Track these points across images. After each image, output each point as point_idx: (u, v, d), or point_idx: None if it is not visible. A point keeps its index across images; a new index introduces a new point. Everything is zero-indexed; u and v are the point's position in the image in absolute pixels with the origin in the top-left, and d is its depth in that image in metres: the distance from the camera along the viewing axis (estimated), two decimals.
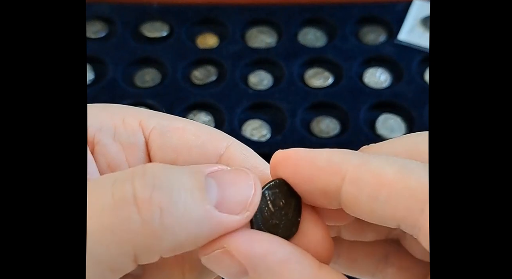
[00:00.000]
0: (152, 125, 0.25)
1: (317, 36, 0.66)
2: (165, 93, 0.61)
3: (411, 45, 0.64)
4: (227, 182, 0.22)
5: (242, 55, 0.64)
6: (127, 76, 0.63)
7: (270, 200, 0.23)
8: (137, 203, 0.20)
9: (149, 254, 0.20)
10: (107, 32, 0.66)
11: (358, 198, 0.22)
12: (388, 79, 0.62)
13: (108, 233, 0.20)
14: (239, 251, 0.21)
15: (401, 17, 0.66)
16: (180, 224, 0.20)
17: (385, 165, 0.21)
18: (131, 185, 0.20)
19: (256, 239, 0.22)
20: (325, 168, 0.22)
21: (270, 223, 0.23)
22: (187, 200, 0.20)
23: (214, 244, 0.21)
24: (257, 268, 0.21)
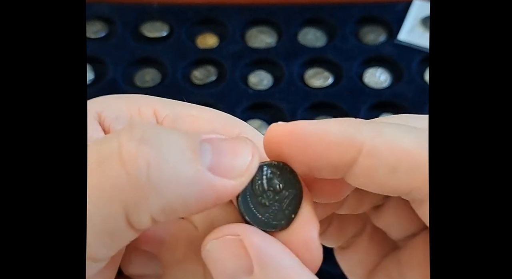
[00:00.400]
0: (165, 112, 0.25)
1: (317, 36, 0.66)
2: (165, 93, 0.60)
3: (411, 45, 0.64)
4: (223, 148, 0.21)
5: (242, 55, 0.64)
6: (127, 76, 0.63)
7: (266, 177, 0.22)
8: (122, 157, 0.19)
9: (138, 213, 0.19)
10: (107, 32, 0.66)
11: (375, 171, 0.21)
12: (388, 79, 0.62)
13: (95, 190, 0.19)
14: (253, 243, 0.20)
15: (401, 17, 0.66)
16: (168, 182, 0.19)
17: (402, 135, 0.21)
18: (117, 139, 0.19)
19: (269, 239, 0.21)
20: (339, 142, 0.21)
21: (258, 201, 0.22)
22: (177, 157, 0.19)
23: (226, 229, 0.21)
24: (266, 267, 0.20)
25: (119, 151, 0.19)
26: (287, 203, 0.22)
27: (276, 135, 0.22)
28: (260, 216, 0.22)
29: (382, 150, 0.20)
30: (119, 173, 0.19)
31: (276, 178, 0.22)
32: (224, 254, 0.21)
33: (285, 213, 0.22)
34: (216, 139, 0.21)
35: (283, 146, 0.22)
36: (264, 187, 0.22)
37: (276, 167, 0.22)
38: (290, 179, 0.22)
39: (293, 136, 0.21)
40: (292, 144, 0.21)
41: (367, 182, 0.21)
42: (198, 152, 0.20)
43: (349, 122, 0.22)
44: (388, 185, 0.21)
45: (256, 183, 0.22)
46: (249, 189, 0.22)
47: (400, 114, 0.24)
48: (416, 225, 0.26)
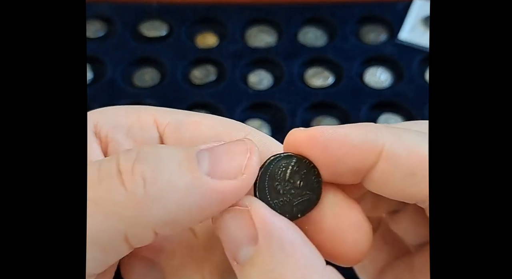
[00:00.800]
0: (167, 120, 0.25)
1: (317, 35, 0.66)
2: (165, 93, 0.61)
3: (411, 45, 0.63)
4: (220, 152, 0.21)
5: (242, 54, 0.63)
6: (126, 76, 0.62)
7: (292, 169, 0.22)
8: (120, 175, 0.20)
9: (139, 228, 0.20)
10: (106, 31, 0.66)
11: (393, 176, 0.21)
12: (389, 79, 0.62)
13: (93, 205, 0.19)
14: (261, 215, 0.21)
15: (402, 17, 0.66)
16: (166, 193, 0.20)
17: (421, 141, 0.21)
18: (116, 160, 0.20)
19: (277, 214, 0.21)
20: (360, 146, 0.21)
21: (274, 186, 0.22)
22: (173, 169, 0.20)
23: (237, 202, 0.21)
24: (270, 239, 0.20)
25: (117, 170, 0.20)
26: (299, 202, 0.22)
27: (297, 140, 0.22)
28: (269, 199, 0.22)
29: (400, 154, 0.21)
30: (118, 189, 0.19)
31: (301, 175, 0.22)
32: (232, 223, 0.21)
33: (292, 209, 0.22)
34: (214, 146, 0.21)
35: (304, 150, 0.22)
36: (286, 176, 0.22)
37: (304, 165, 0.22)
38: (313, 182, 0.22)
39: (314, 141, 0.22)
40: (313, 148, 0.22)
41: (384, 187, 0.22)
42: (194, 160, 0.20)
43: (368, 127, 0.22)
44: (405, 190, 0.21)
45: (280, 169, 0.22)
46: (271, 171, 0.22)
47: (418, 121, 0.24)
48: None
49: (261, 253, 0.20)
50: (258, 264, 0.20)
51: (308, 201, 0.22)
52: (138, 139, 0.25)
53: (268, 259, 0.20)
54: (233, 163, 0.21)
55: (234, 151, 0.21)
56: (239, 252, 0.21)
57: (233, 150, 0.21)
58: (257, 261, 0.20)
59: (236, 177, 0.21)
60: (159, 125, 0.25)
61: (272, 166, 0.22)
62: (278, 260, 0.20)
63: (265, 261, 0.20)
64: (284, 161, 0.22)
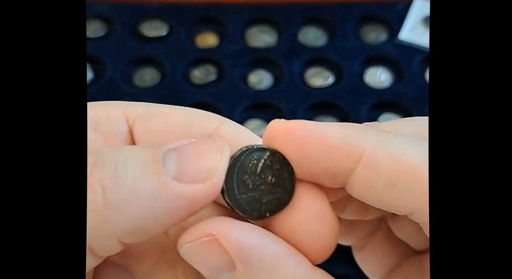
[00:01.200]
0: (137, 112, 0.24)
1: (318, 35, 0.66)
2: (165, 93, 0.60)
3: (412, 45, 0.63)
4: (188, 152, 0.19)
5: (242, 54, 0.63)
6: (126, 76, 0.62)
7: (264, 163, 0.21)
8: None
9: (102, 239, 0.18)
10: (106, 31, 0.66)
11: (373, 184, 0.19)
12: (389, 79, 0.62)
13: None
14: (230, 239, 0.19)
15: (402, 17, 0.65)
16: (129, 201, 0.18)
17: (407, 148, 0.19)
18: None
19: (248, 229, 0.20)
20: (338, 147, 0.20)
21: (243, 179, 0.20)
22: (136, 174, 0.18)
23: (199, 231, 0.19)
24: (248, 260, 0.19)
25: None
26: (269, 200, 0.21)
27: (274, 132, 0.21)
28: (237, 193, 0.20)
29: (382, 161, 0.19)
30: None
31: (273, 170, 0.21)
32: (202, 256, 0.20)
33: (261, 207, 0.21)
34: (181, 145, 0.20)
35: (280, 143, 0.21)
36: (257, 169, 0.21)
37: (278, 160, 0.21)
38: (286, 180, 0.21)
39: (291, 135, 0.20)
40: (288, 143, 0.20)
41: (364, 195, 0.20)
42: (160, 163, 0.19)
43: (352, 128, 0.20)
44: (385, 200, 0.20)
45: (251, 161, 0.21)
46: (241, 163, 0.21)
47: (415, 117, 0.23)
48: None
49: (242, 277, 0.19)
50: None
51: (279, 200, 0.21)
52: (106, 134, 0.23)
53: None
54: (202, 164, 0.19)
55: (204, 151, 0.20)
56: (217, 278, 0.20)
57: (202, 149, 0.20)
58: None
59: (205, 180, 0.19)
60: (129, 118, 0.24)
61: (243, 158, 0.21)
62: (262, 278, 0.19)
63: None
64: (257, 153, 0.21)
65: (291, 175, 0.21)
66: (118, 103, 0.25)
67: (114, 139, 0.24)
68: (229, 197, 0.21)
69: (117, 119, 0.24)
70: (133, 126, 0.24)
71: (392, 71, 0.62)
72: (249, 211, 0.21)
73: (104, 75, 0.62)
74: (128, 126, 0.24)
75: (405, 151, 0.19)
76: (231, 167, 0.20)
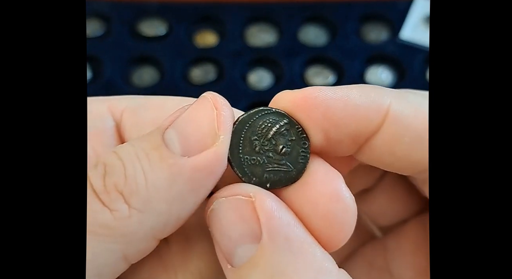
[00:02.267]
0: (122, 106, 0.23)
1: (318, 34, 0.65)
2: (163, 92, 0.60)
3: (413, 44, 0.63)
4: (185, 122, 0.19)
5: (241, 53, 0.63)
6: (125, 75, 0.62)
7: (278, 130, 0.19)
8: (97, 195, 0.18)
9: (140, 243, 0.18)
10: (104, 30, 0.65)
11: (400, 139, 0.19)
12: (390, 78, 0.61)
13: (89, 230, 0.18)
14: (265, 206, 0.18)
15: (403, 15, 0.65)
16: (151, 197, 0.18)
17: (423, 103, 0.19)
18: (88, 178, 0.18)
19: (284, 206, 0.19)
20: (364, 105, 0.19)
21: (251, 139, 0.19)
22: (145, 167, 0.18)
23: (237, 188, 0.19)
24: (277, 236, 0.18)
25: (91, 189, 0.18)
26: (274, 170, 0.19)
27: (291, 101, 0.19)
28: (240, 151, 0.19)
29: (408, 114, 0.18)
30: (102, 211, 0.18)
31: (287, 141, 0.19)
32: (232, 215, 0.18)
33: (263, 175, 0.19)
34: (175, 118, 0.19)
35: (300, 112, 0.19)
36: (269, 133, 0.19)
37: (295, 132, 0.19)
38: (299, 156, 0.19)
39: (313, 101, 0.19)
40: (312, 109, 0.19)
41: (386, 155, 0.19)
42: (162, 147, 0.18)
43: (370, 87, 0.19)
44: (410, 156, 0.19)
45: (265, 123, 0.19)
46: (253, 122, 0.19)
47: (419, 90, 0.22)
48: (409, 210, 0.24)
49: (264, 252, 0.18)
50: (261, 266, 0.18)
51: (285, 174, 0.19)
52: (90, 131, 0.22)
53: (273, 259, 0.18)
54: (203, 129, 0.19)
55: (198, 115, 0.19)
56: (235, 251, 0.18)
57: (196, 114, 0.19)
58: (259, 262, 0.18)
59: (213, 142, 0.18)
60: (115, 112, 0.23)
61: (257, 117, 0.19)
62: (285, 261, 0.17)
63: (269, 262, 0.18)
64: (273, 117, 0.19)
65: (306, 151, 0.19)
66: (100, 98, 0.24)
67: (98, 136, 0.23)
68: (231, 154, 0.19)
69: (101, 115, 0.23)
70: (120, 120, 0.23)
71: (394, 70, 0.62)
72: (249, 175, 0.19)
73: (103, 75, 0.61)
74: (114, 121, 0.23)
75: (423, 104, 0.19)
76: (242, 123, 0.19)
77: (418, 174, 0.20)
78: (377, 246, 0.26)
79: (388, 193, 0.25)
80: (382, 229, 0.26)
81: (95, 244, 0.18)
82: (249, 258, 0.18)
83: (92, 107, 0.23)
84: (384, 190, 0.25)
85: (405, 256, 0.24)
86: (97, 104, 0.23)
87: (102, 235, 0.18)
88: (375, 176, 0.25)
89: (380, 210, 0.25)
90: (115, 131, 0.23)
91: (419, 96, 0.19)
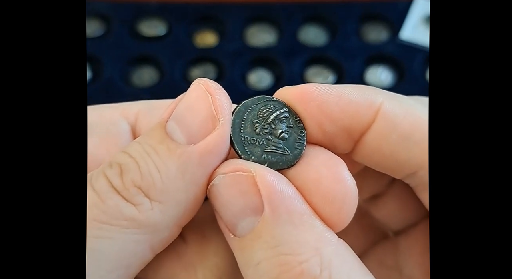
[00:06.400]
0: (135, 110, 0.24)
1: (318, 34, 0.65)
2: (163, 93, 0.60)
3: (413, 44, 0.63)
4: (182, 113, 0.20)
5: (241, 53, 0.63)
6: (125, 75, 0.62)
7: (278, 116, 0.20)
8: (118, 193, 0.19)
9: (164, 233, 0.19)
10: (104, 30, 0.65)
11: (389, 137, 0.20)
12: (390, 78, 0.61)
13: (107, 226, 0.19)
14: (266, 180, 0.19)
15: (403, 15, 0.65)
16: (167, 188, 0.19)
17: (416, 104, 0.20)
18: (104, 177, 0.19)
19: (284, 180, 0.19)
20: (357, 101, 0.20)
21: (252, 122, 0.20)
22: (156, 161, 0.19)
23: (237, 164, 0.19)
24: (278, 209, 0.18)
25: (112, 188, 0.19)
26: (272, 152, 0.20)
27: (290, 95, 0.21)
28: (242, 129, 0.20)
29: (398, 114, 0.19)
30: (126, 206, 0.19)
31: (286, 127, 0.20)
32: (233, 190, 0.19)
33: (262, 155, 0.20)
34: (174, 111, 0.20)
35: (298, 105, 0.20)
36: (270, 117, 0.21)
37: (294, 121, 0.20)
38: (295, 143, 0.20)
39: (309, 95, 0.20)
40: (308, 103, 0.20)
41: (377, 153, 0.20)
42: (166, 140, 0.19)
43: (364, 87, 0.21)
44: (399, 155, 0.20)
45: (267, 108, 0.21)
46: (256, 106, 0.20)
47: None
48: (418, 214, 0.25)
49: (266, 225, 0.18)
50: (263, 237, 0.18)
51: (282, 157, 0.20)
52: (103, 135, 0.24)
53: (275, 231, 0.18)
54: (203, 116, 0.19)
55: (195, 103, 0.20)
56: (238, 224, 0.19)
57: (194, 102, 0.20)
58: (262, 234, 0.18)
59: (214, 126, 0.19)
60: (128, 116, 0.24)
61: (259, 103, 0.21)
62: (287, 232, 0.18)
63: (271, 233, 0.18)
64: (275, 104, 0.21)
65: (303, 139, 0.20)
66: (111, 105, 0.25)
67: (112, 140, 0.24)
68: (232, 132, 0.20)
69: (113, 119, 0.24)
70: (135, 123, 0.24)
71: (393, 70, 0.62)
72: (248, 153, 0.20)
73: (103, 75, 0.61)
74: (129, 124, 0.24)
75: (417, 107, 0.20)
76: (245, 106, 0.20)
77: (408, 178, 0.21)
78: (388, 246, 0.26)
79: (397, 199, 0.25)
80: (393, 233, 0.27)
81: (122, 237, 0.19)
82: (251, 229, 0.19)
83: (105, 113, 0.24)
84: (394, 196, 0.25)
85: (414, 257, 0.24)
86: (109, 110, 0.24)
87: (129, 227, 0.19)
88: (384, 182, 0.25)
89: (391, 215, 0.26)
90: (131, 134, 0.24)
91: (413, 100, 0.20)
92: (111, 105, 0.25)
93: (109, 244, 0.18)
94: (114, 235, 0.18)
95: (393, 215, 0.26)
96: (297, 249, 0.18)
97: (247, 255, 0.19)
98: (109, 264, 0.19)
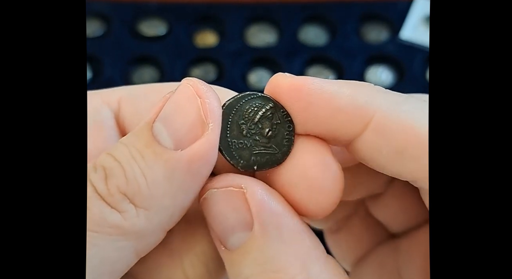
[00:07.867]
0: (117, 96, 0.23)
1: (318, 34, 0.65)
2: None
3: (413, 44, 0.63)
4: (171, 115, 0.19)
5: (241, 53, 0.63)
6: (125, 75, 0.62)
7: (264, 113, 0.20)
8: (102, 199, 0.18)
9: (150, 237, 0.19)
10: (104, 30, 0.65)
11: (379, 150, 0.19)
12: (390, 78, 0.61)
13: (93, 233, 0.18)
14: (256, 197, 0.19)
15: (404, 15, 0.65)
16: (154, 194, 0.18)
17: (418, 114, 0.18)
18: (88, 181, 0.19)
19: (276, 195, 0.19)
20: (347, 110, 0.19)
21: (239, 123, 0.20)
22: (141, 166, 0.18)
23: (229, 180, 0.19)
24: (267, 225, 0.18)
25: (96, 193, 0.18)
26: (260, 153, 0.20)
27: (279, 86, 0.20)
28: (228, 135, 0.20)
29: (391, 128, 0.18)
30: (111, 213, 0.18)
31: (272, 124, 0.20)
32: (224, 205, 0.19)
33: (250, 158, 0.20)
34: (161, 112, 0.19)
35: (284, 99, 0.20)
36: (256, 117, 0.20)
37: (280, 115, 0.20)
38: (283, 138, 0.20)
39: (298, 92, 0.19)
40: (294, 100, 0.19)
41: (368, 159, 0.20)
42: (153, 144, 0.18)
43: (363, 89, 0.19)
44: (390, 167, 0.19)
45: (251, 108, 0.20)
46: (240, 106, 0.20)
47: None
48: (420, 217, 0.24)
49: (256, 241, 0.18)
50: (252, 253, 0.18)
51: (271, 157, 0.20)
52: (89, 125, 0.22)
53: (263, 247, 0.18)
54: (191, 120, 0.19)
55: (184, 105, 0.19)
56: (229, 237, 0.19)
57: (182, 105, 0.19)
58: (251, 249, 0.18)
59: (203, 131, 0.19)
60: (110, 103, 0.23)
61: (244, 102, 0.20)
62: (275, 249, 0.18)
63: (260, 249, 0.18)
64: (259, 101, 0.20)
65: (291, 134, 0.20)
66: (91, 92, 0.24)
67: (98, 129, 0.23)
68: (221, 138, 0.20)
69: (97, 107, 0.23)
70: (118, 110, 0.23)
71: (394, 70, 0.62)
72: (237, 158, 0.20)
73: (103, 74, 0.61)
74: (111, 112, 0.23)
75: (415, 118, 0.18)
76: (229, 107, 0.20)
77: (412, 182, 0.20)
78: (389, 248, 0.26)
79: (399, 199, 0.25)
80: (394, 235, 0.26)
81: (107, 243, 0.18)
82: (241, 244, 0.19)
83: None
84: (395, 196, 0.25)
85: (415, 260, 0.24)
86: (89, 97, 0.23)
87: (114, 234, 0.18)
88: (383, 180, 0.25)
89: (392, 216, 0.26)
90: (114, 122, 0.23)
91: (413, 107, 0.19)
92: (89, 92, 0.23)
93: (93, 251, 0.18)
94: (98, 242, 0.18)
95: (394, 216, 0.25)
96: (284, 266, 0.18)
97: (236, 269, 0.19)
98: (93, 271, 0.18)
